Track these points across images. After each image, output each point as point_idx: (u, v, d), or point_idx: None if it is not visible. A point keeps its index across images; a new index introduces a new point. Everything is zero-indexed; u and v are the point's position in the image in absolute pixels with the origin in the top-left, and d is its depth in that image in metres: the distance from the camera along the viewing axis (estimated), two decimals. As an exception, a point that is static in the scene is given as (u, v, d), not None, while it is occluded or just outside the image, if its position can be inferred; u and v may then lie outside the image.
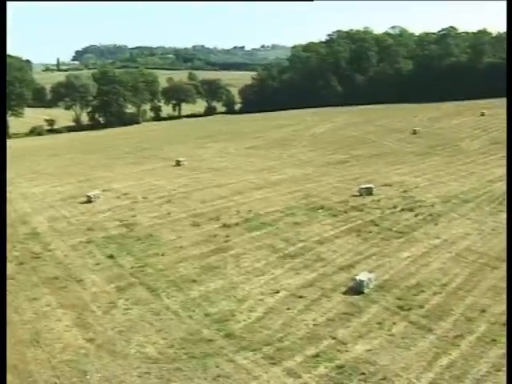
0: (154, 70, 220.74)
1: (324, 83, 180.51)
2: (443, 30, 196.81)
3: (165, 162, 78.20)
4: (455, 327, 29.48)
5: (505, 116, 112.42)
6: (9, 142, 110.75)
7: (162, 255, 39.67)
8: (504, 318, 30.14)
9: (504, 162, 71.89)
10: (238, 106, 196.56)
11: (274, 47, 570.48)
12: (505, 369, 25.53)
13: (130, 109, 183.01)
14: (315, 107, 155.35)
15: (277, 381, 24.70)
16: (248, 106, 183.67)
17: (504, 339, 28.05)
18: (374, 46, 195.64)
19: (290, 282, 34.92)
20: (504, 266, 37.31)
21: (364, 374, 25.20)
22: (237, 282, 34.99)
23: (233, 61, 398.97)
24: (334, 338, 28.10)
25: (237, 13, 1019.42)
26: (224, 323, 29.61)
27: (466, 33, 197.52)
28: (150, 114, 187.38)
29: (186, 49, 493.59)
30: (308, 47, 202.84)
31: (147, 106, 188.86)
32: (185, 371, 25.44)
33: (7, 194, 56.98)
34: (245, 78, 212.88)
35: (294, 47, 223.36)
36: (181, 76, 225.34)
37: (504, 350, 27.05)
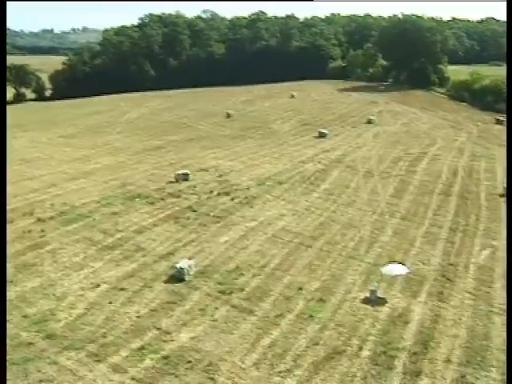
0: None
1: (137, 68, 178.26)
2: (253, 14, 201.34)
3: (-29, 155, 73.63)
4: (275, 307, 30.71)
5: (313, 97, 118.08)
6: None
7: (-27, 256, 37.55)
8: (319, 294, 31.92)
9: (314, 142, 75.44)
10: (48, 93, 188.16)
11: (84, 30, 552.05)
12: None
13: None
14: (129, 92, 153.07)
15: (103, 378, 24.43)
16: (59, 93, 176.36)
17: (320, 314, 29.71)
18: (187, 30, 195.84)
19: (111, 274, 34.54)
20: (317, 243, 39.42)
21: (190, 361, 25.63)
22: (55, 278, 33.99)
23: (41, 45, 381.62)
24: (158, 329, 28.26)
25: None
26: (44, 324, 28.72)
27: (276, 17, 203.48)
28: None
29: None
30: (120, 31, 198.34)
31: None
32: (4, 378, 24.43)
33: None
34: (55, 62, 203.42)
35: (105, 31, 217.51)
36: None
37: (320, 326, 28.67)
